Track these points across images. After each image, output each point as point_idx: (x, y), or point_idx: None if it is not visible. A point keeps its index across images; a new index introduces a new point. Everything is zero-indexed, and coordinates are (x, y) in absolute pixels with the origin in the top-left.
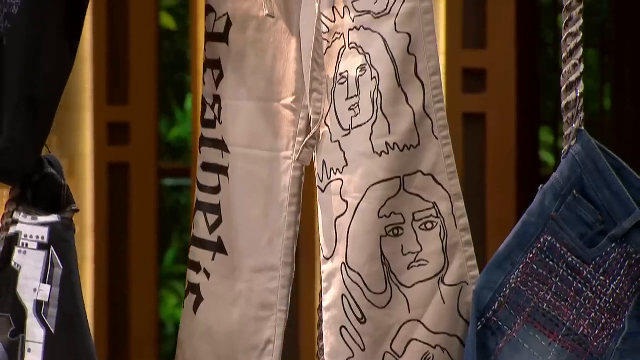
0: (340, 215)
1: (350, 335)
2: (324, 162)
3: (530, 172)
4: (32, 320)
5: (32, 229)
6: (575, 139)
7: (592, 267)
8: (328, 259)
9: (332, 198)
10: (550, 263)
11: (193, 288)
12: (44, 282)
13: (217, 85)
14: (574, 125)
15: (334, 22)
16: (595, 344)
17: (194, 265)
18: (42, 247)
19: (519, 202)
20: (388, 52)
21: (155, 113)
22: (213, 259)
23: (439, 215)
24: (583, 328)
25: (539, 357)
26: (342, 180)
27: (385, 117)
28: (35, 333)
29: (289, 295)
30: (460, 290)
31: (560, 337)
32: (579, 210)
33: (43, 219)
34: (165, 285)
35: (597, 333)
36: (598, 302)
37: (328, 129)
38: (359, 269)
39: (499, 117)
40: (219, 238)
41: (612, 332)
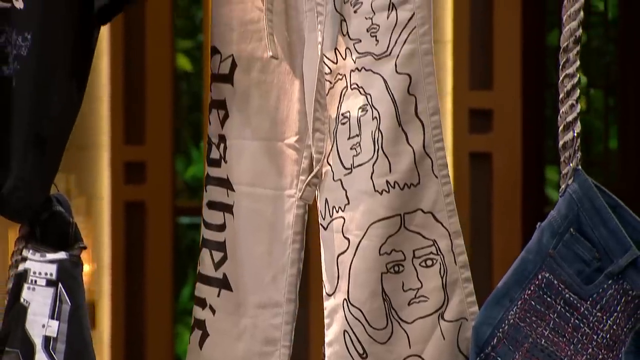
0: (342, 253)
1: None
2: (326, 200)
3: (536, 209)
4: (40, 356)
5: (40, 266)
6: (572, 178)
7: (589, 303)
8: (330, 296)
9: (334, 235)
10: (548, 299)
11: (199, 324)
12: (52, 318)
13: (222, 125)
14: (571, 165)
15: (336, 63)
16: None
17: (200, 302)
18: (50, 283)
19: (525, 239)
20: (389, 92)
21: (171, 152)
22: (218, 295)
23: (439, 253)
24: None
25: None
26: (343, 218)
27: (386, 156)
28: None
29: (293, 331)
30: (460, 326)
31: None
32: (576, 248)
33: (51, 256)
34: (182, 321)
35: None
36: (595, 337)
37: (330, 168)
38: (361, 305)
39: (505, 156)
40: (224, 275)
41: None
